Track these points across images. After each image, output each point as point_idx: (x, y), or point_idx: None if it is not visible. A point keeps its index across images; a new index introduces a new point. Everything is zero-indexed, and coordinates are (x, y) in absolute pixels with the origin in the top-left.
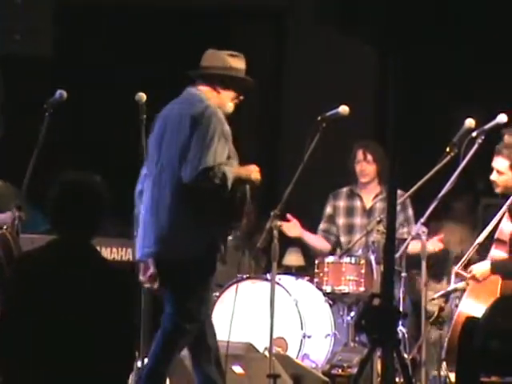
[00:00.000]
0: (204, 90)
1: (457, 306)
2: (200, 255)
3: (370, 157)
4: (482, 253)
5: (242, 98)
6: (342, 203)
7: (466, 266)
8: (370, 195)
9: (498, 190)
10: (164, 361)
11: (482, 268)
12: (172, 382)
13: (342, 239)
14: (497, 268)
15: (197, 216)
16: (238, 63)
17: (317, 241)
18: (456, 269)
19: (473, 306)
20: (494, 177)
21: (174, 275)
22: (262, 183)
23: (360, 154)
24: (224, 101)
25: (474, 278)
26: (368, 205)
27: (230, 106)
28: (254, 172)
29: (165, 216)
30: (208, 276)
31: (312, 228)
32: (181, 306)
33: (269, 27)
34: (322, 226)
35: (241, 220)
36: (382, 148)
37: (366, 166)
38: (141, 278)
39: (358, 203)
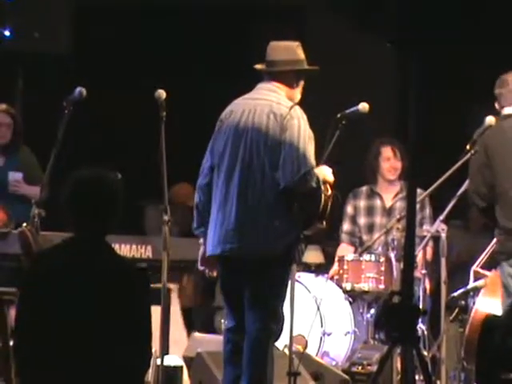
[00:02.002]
0: (279, 86)
1: (474, 303)
2: (282, 254)
3: (399, 153)
4: None
5: (303, 84)
6: (362, 203)
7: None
8: (390, 194)
9: None
10: (261, 367)
11: None
12: (193, 379)
13: (364, 238)
14: None
15: (286, 216)
16: (303, 53)
17: (341, 251)
18: (475, 267)
19: (489, 304)
20: None
21: (258, 274)
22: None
23: (389, 151)
24: (296, 93)
25: None
26: (388, 204)
27: (298, 97)
28: (328, 173)
29: (252, 214)
30: (288, 274)
31: (331, 225)
32: (267, 307)
33: (287, 26)
34: (345, 227)
35: (323, 221)
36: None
37: (396, 163)
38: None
39: (378, 202)
